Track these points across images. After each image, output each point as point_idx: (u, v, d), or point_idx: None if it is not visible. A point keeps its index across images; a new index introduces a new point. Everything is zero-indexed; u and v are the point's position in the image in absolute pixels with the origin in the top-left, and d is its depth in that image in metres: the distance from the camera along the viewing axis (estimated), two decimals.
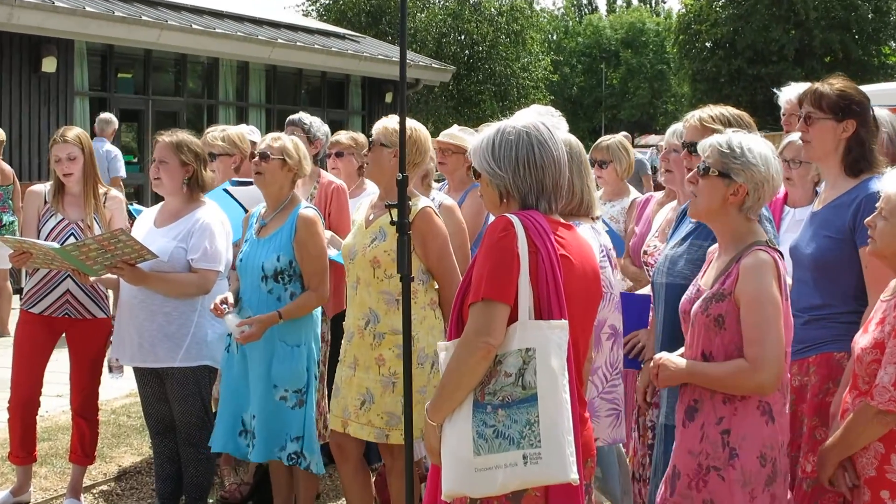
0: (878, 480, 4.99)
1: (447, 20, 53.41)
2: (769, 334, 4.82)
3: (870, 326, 5.11)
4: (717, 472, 4.93)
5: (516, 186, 4.65)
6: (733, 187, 5.03)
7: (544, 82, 58.26)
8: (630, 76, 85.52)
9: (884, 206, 5.05)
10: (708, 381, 5.01)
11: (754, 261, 4.93)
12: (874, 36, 54.64)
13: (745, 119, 6.06)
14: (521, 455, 4.35)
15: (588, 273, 4.73)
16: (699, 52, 55.02)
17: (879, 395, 4.86)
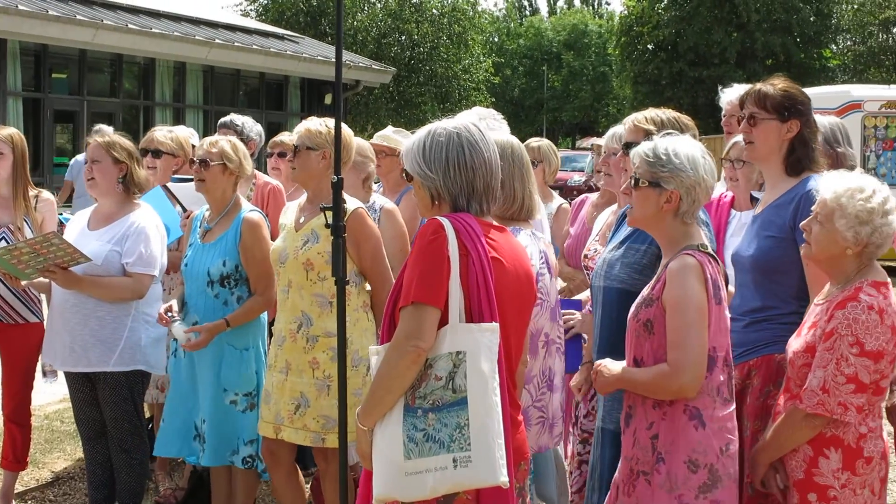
0: (806, 483, 5.08)
1: (388, 21, 53.42)
2: (691, 338, 4.85)
3: (803, 330, 5.19)
4: (644, 477, 4.99)
5: (447, 188, 4.61)
6: (665, 195, 5.06)
7: (486, 84, 58.35)
8: (572, 78, 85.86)
9: (819, 211, 5.09)
10: (636, 387, 5.07)
11: (679, 265, 4.96)
12: (815, 39, 55.04)
13: (681, 121, 6.07)
14: (451, 458, 4.33)
15: (521, 276, 4.71)
16: (641, 54, 55.25)
17: (808, 398, 4.95)
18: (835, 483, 5.02)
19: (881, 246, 5.06)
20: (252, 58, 27.13)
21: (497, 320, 4.46)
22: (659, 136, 5.25)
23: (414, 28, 52.99)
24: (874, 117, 24.73)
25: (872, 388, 4.95)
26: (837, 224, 5.00)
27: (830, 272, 5.17)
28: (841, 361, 4.89)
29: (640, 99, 52.02)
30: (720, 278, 5.08)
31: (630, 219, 5.29)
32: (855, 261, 5.08)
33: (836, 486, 5.02)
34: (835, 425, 4.99)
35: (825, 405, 4.92)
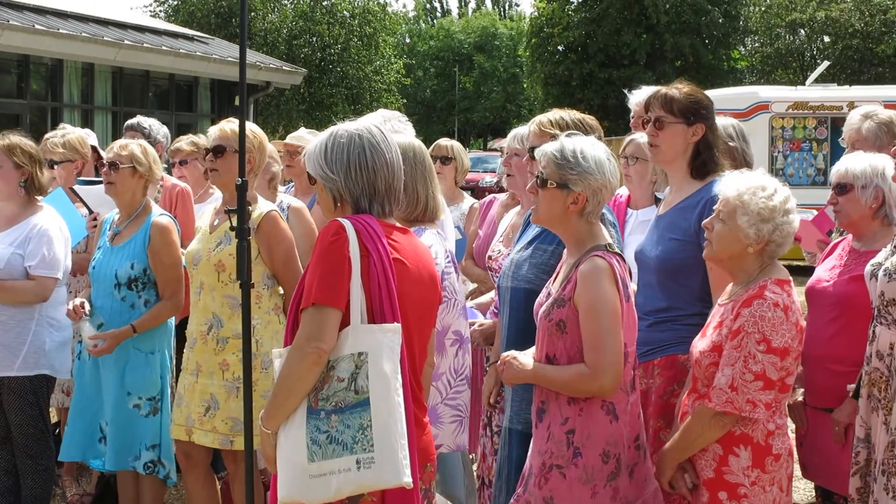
0: (717, 482, 5.12)
1: (299, 22, 53.24)
2: (607, 341, 4.90)
3: (708, 330, 5.24)
4: (559, 470, 5.02)
5: (348, 189, 4.64)
6: (572, 196, 5.09)
7: (397, 86, 58.34)
8: (483, 80, 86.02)
9: (721, 209, 5.14)
10: (551, 384, 5.09)
11: (590, 268, 4.99)
12: (724, 40, 55.50)
13: (586, 122, 6.13)
14: (355, 460, 4.35)
15: (424, 277, 4.73)
16: (551, 55, 55.42)
17: (717, 397, 4.99)
18: (745, 481, 5.07)
19: (782, 244, 5.13)
20: (161, 59, 26.88)
21: (399, 321, 4.48)
22: (563, 135, 5.25)
23: (325, 29, 52.85)
24: (781, 118, 24.99)
25: (779, 384, 5.01)
26: (739, 221, 5.06)
27: (732, 271, 5.23)
28: (748, 359, 4.94)
29: (551, 100, 52.14)
30: (627, 276, 5.13)
31: (535, 217, 5.30)
32: (756, 259, 5.14)
33: (746, 484, 5.07)
34: (743, 423, 5.04)
35: (734, 403, 4.96)
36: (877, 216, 6.24)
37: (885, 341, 5.66)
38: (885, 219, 6.24)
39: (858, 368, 5.93)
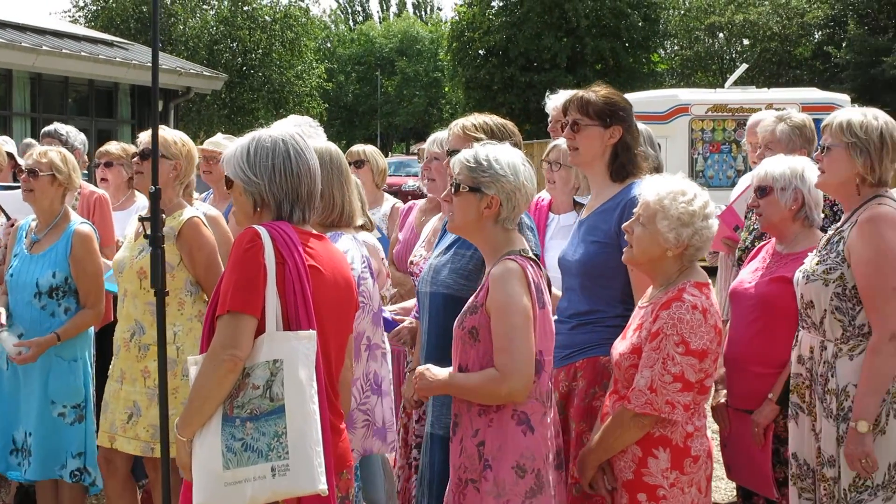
0: (636, 483, 5.14)
1: (220, 27, 52.98)
2: (517, 343, 4.87)
3: (628, 333, 5.27)
4: (473, 485, 4.99)
5: (272, 193, 4.63)
6: (486, 200, 5.08)
7: (319, 90, 58.22)
8: (405, 84, 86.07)
9: (641, 213, 5.17)
10: (464, 392, 5.06)
11: (501, 270, 4.98)
12: (644, 44, 55.84)
13: (508, 128, 6.18)
14: (270, 467, 4.35)
15: (340, 283, 4.73)
16: (472, 59, 55.53)
17: (636, 398, 5.02)
18: (664, 482, 5.09)
19: (701, 248, 5.16)
20: (81, 65, 26.60)
21: (314, 328, 4.47)
22: (477, 145, 5.26)
23: (246, 34, 52.67)
24: (701, 120, 25.15)
25: (698, 386, 5.04)
26: (659, 225, 5.09)
27: (652, 275, 5.26)
28: (667, 360, 4.97)
29: (473, 104, 52.27)
30: (542, 282, 5.12)
31: (450, 225, 5.29)
32: (676, 263, 5.17)
33: (665, 486, 5.09)
34: (662, 425, 5.06)
35: (653, 404, 4.98)
36: (797, 218, 6.29)
37: (806, 345, 5.71)
38: (806, 220, 6.29)
39: (779, 370, 5.98)
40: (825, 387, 5.56)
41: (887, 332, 5.36)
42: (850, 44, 46.77)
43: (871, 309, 5.42)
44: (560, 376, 5.74)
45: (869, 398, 5.37)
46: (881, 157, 5.55)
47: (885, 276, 5.38)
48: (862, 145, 5.53)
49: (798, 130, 7.24)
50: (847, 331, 5.52)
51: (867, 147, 5.53)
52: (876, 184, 5.59)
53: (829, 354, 5.57)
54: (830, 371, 5.55)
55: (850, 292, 5.50)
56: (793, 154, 6.69)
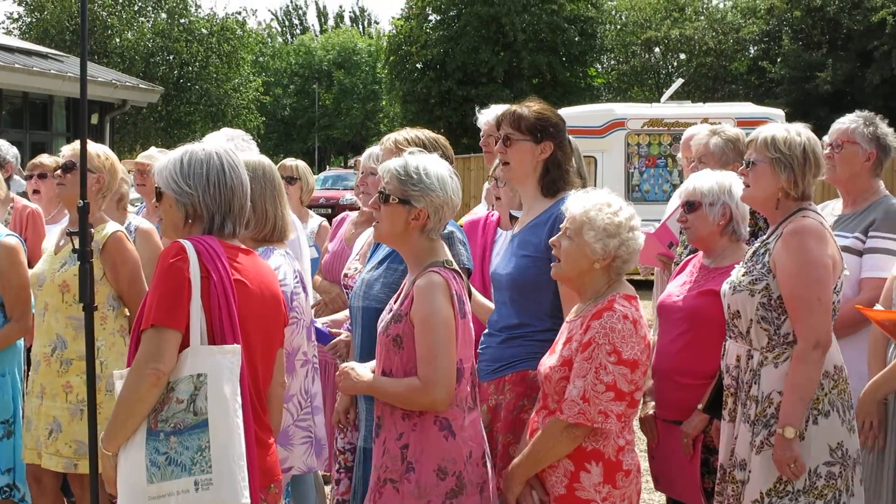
0: (568, 498, 5.14)
1: (156, 39, 52.70)
2: (439, 355, 4.92)
3: (556, 347, 5.27)
4: (392, 485, 5.04)
5: (205, 205, 4.65)
6: (414, 212, 5.11)
7: (256, 103, 58.03)
8: (343, 96, 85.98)
9: (569, 227, 5.20)
10: (387, 397, 5.11)
11: (426, 283, 5.02)
12: (580, 58, 56.02)
13: (440, 142, 6.25)
14: (193, 481, 4.35)
15: (267, 298, 4.74)
16: (410, 73, 55.53)
17: (569, 408, 5.02)
18: (596, 497, 5.10)
19: (628, 261, 5.20)
20: (14, 77, 26.37)
21: (239, 342, 4.49)
22: (407, 153, 5.29)
23: (183, 47, 52.39)
24: (637, 135, 25.30)
25: (629, 398, 5.06)
26: (586, 237, 5.12)
27: (580, 289, 5.28)
28: (600, 370, 4.98)
29: (410, 117, 52.25)
30: (464, 293, 5.17)
31: (377, 234, 5.32)
32: (604, 275, 5.21)
33: (597, 500, 5.10)
34: (595, 438, 5.08)
35: (586, 414, 4.99)
36: (725, 232, 6.36)
37: (732, 354, 5.78)
38: (734, 235, 6.37)
39: (706, 381, 6.04)
40: (748, 393, 5.64)
41: (812, 341, 5.44)
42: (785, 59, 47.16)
43: (796, 319, 5.50)
44: (489, 390, 5.76)
45: (795, 405, 5.44)
46: (804, 172, 5.64)
47: (809, 287, 5.46)
48: (786, 161, 5.62)
49: (731, 144, 7.31)
50: (772, 340, 5.59)
51: (791, 163, 5.62)
52: (799, 198, 5.68)
53: (755, 363, 5.64)
54: (755, 378, 5.62)
55: (775, 302, 5.57)
56: (726, 168, 6.76)
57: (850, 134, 6.75)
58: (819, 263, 5.50)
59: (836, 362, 5.62)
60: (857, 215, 6.74)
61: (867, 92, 42.96)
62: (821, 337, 5.46)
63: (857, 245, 6.60)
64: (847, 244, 6.47)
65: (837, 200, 7.04)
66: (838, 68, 44.59)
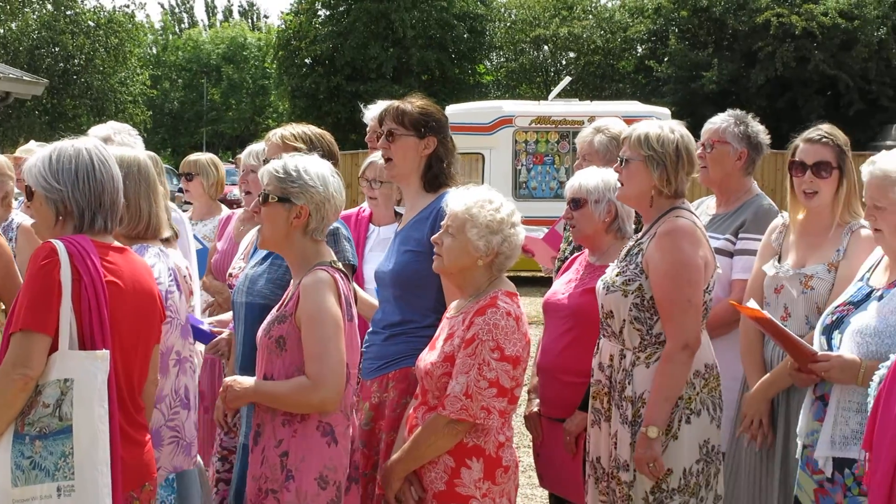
0: (448, 494, 5.15)
1: (41, 31, 51.94)
2: (330, 351, 4.91)
3: (437, 343, 5.28)
4: (273, 495, 4.99)
5: (75, 200, 4.61)
6: (295, 211, 5.10)
7: (143, 97, 57.42)
8: (232, 91, 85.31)
9: (450, 224, 5.20)
10: (273, 400, 5.06)
11: (312, 280, 5.01)
12: (469, 55, 56.09)
13: (326, 138, 6.26)
14: (56, 487, 4.35)
15: (142, 296, 4.70)
16: (298, 68, 55.27)
17: (451, 404, 5.04)
18: (476, 493, 5.12)
19: (510, 257, 5.23)
20: None
21: (109, 346, 4.45)
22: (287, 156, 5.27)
23: (69, 39, 51.68)
24: (525, 132, 25.44)
25: (510, 395, 5.09)
26: (469, 234, 5.14)
27: (462, 285, 5.29)
28: (483, 366, 5.00)
29: (298, 113, 51.93)
30: (351, 295, 5.16)
31: (261, 241, 5.31)
32: (486, 272, 5.22)
33: (477, 496, 5.12)
34: (476, 434, 5.09)
35: (468, 410, 5.01)
36: (610, 230, 6.39)
37: (606, 353, 5.80)
38: (619, 232, 6.40)
39: (589, 379, 6.08)
40: (622, 394, 5.67)
41: (681, 342, 5.50)
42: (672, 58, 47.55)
43: (667, 319, 5.55)
44: (372, 387, 5.75)
45: (661, 405, 5.50)
46: (677, 169, 5.68)
47: (680, 289, 5.52)
48: (658, 158, 5.65)
49: (616, 141, 7.29)
50: (644, 339, 5.64)
51: (663, 160, 5.65)
52: (672, 196, 5.72)
53: (628, 362, 5.68)
54: (628, 378, 5.66)
55: (647, 303, 5.62)
56: (611, 165, 6.80)
57: (720, 133, 6.80)
58: (691, 265, 5.56)
59: (707, 361, 5.69)
60: (729, 216, 6.80)
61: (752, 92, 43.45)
62: (690, 338, 5.52)
63: (728, 247, 6.66)
64: (719, 245, 6.49)
65: (711, 197, 7.09)
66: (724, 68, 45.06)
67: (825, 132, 6.12)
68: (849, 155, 6.08)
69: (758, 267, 6.30)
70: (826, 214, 6.07)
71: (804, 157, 6.10)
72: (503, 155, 25.09)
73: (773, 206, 6.87)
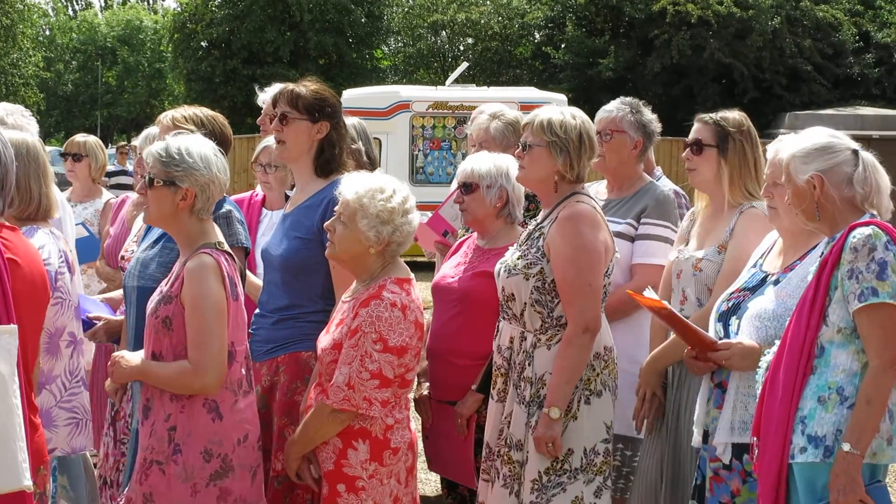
0: (336, 474, 5.22)
1: None
2: (211, 339, 4.97)
3: (331, 327, 5.32)
4: (158, 466, 5.04)
5: None
6: (181, 193, 5.11)
7: (35, 79, 56.67)
8: (127, 74, 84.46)
9: (342, 212, 5.21)
10: (157, 381, 5.11)
11: (196, 264, 5.04)
12: (367, 40, 55.91)
13: (219, 120, 6.24)
14: None
15: (35, 276, 4.64)
16: (194, 51, 54.81)
17: (334, 394, 5.10)
18: (363, 473, 5.18)
19: (402, 244, 5.25)
20: None
21: (14, 322, 4.38)
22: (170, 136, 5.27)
23: None
24: (422, 117, 25.44)
25: (398, 381, 5.14)
26: (360, 224, 5.15)
27: (355, 271, 5.32)
28: (365, 358, 5.05)
29: (194, 96, 51.48)
30: (236, 275, 5.17)
31: (146, 218, 5.31)
32: (378, 259, 5.25)
33: (364, 477, 5.18)
34: (362, 418, 5.15)
35: (350, 400, 5.07)
36: (501, 215, 6.45)
37: (506, 336, 5.85)
38: (509, 218, 6.46)
39: (480, 362, 6.12)
40: (521, 374, 5.73)
41: (581, 325, 5.58)
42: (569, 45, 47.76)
43: (568, 303, 5.62)
44: (262, 371, 5.77)
45: (562, 386, 5.58)
46: (580, 155, 5.73)
47: (581, 272, 5.59)
48: (562, 144, 5.70)
49: (511, 127, 7.33)
50: (546, 322, 5.71)
51: (567, 146, 5.70)
52: (574, 181, 5.77)
53: (528, 344, 5.74)
54: (528, 360, 5.72)
55: (549, 286, 5.68)
56: (508, 151, 6.82)
57: (618, 123, 6.83)
58: (592, 249, 5.63)
59: (606, 343, 5.79)
60: (626, 201, 6.84)
61: (648, 79, 43.76)
62: (590, 321, 5.60)
63: (630, 231, 6.70)
64: (620, 230, 6.57)
65: (600, 183, 7.14)
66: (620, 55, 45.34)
67: (713, 115, 6.18)
68: (735, 137, 6.10)
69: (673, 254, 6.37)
70: (719, 197, 6.13)
71: (689, 136, 6.17)
72: (400, 140, 25.08)
73: (671, 194, 6.95)
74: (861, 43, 43.77)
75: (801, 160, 4.95)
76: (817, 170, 4.90)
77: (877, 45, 43.28)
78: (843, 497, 4.63)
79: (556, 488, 5.61)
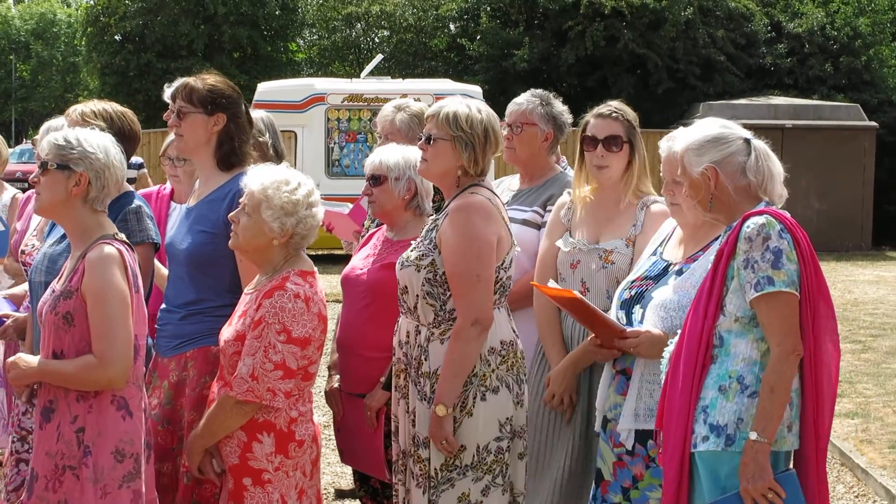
0: (241, 468, 5.23)
1: None
2: (116, 330, 4.92)
3: (234, 319, 5.33)
4: (72, 472, 4.97)
5: None
6: (74, 178, 5.09)
7: None
8: (41, 68, 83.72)
9: (247, 203, 5.23)
10: (60, 379, 5.04)
11: (98, 255, 5.00)
12: (282, 32, 55.66)
13: (128, 116, 6.28)
14: None
15: None
16: (108, 45, 54.33)
17: (238, 385, 5.10)
18: (269, 466, 5.19)
19: (306, 237, 5.27)
20: None
21: None
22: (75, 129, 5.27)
23: None
24: (337, 110, 25.39)
25: (301, 373, 5.16)
26: (264, 215, 5.16)
27: (259, 262, 5.33)
28: (269, 349, 5.06)
29: (108, 90, 50.96)
30: (137, 267, 5.15)
31: (38, 206, 5.26)
32: (282, 251, 5.26)
33: (269, 469, 5.20)
34: (266, 411, 5.16)
35: (254, 391, 5.07)
36: (409, 207, 6.45)
37: (403, 329, 5.84)
38: (417, 209, 6.47)
39: (389, 354, 6.11)
40: (419, 370, 5.70)
41: (470, 318, 5.52)
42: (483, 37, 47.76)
43: (457, 295, 5.57)
44: (171, 366, 5.76)
45: (450, 382, 5.53)
46: (485, 150, 5.71)
47: (469, 264, 5.54)
48: (467, 139, 5.66)
49: (417, 119, 7.33)
50: (438, 315, 5.66)
51: (472, 141, 5.66)
52: (477, 175, 5.77)
53: (423, 338, 5.70)
54: (424, 354, 5.68)
55: (440, 278, 5.63)
56: (413, 143, 6.83)
57: (528, 115, 6.83)
58: (482, 240, 5.58)
59: (503, 338, 5.71)
60: (534, 190, 6.86)
61: (562, 70, 43.80)
62: (480, 314, 5.55)
63: (536, 219, 6.72)
64: (526, 217, 6.63)
65: (513, 177, 7.18)
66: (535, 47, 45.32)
67: (615, 108, 6.26)
68: (638, 131, 6.22)
69: (549, 243, 6.38)
70: (616, 189, 6.19)
71: (595, 132, 6.21)
72: (316, 133, 25.03)
73: None
74: (773, 33, 44.04)
75: (694, 153, 5.02)
76: (711, 161, 4.98)
77: (789, 35, 43.52)
78: (751, 485, 4.71)
79: (446, 484, 5.58)
